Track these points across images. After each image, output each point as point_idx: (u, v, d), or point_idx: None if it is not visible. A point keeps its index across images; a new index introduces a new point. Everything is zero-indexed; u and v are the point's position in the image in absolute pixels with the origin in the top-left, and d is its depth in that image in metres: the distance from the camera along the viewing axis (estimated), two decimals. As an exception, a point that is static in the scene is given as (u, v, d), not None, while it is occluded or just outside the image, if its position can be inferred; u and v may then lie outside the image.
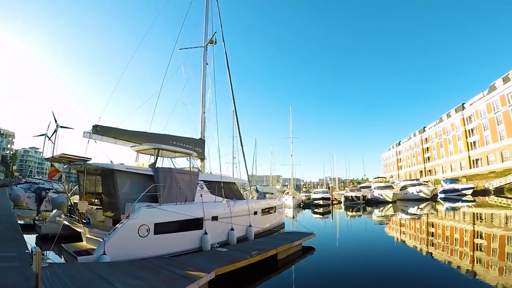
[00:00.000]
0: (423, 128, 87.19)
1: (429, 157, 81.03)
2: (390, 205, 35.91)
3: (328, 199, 40.43)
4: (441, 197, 42.06)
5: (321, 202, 38.74)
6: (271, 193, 34.06)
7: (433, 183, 51.72)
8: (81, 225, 9.23)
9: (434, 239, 13.32)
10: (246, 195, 17.27)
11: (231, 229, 11.03)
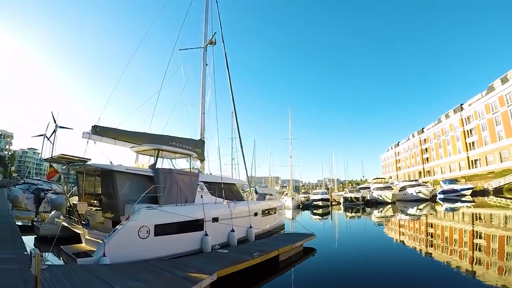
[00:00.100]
0: (422, 129, 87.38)
1: (427, 158, 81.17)
2: (390, 206, 35.83)
3: (327, 200, 40.39)
4: (440, 197, 42.09)
5: (320, 203, 38.73)
6: (270, 194, 33.98)
7: (432, 183, 51.68)
8: (80, 226, 9.13)
9: (433, 239, 13.28)
10: (246, 196, 17.19)
11: (232, 230, 10.96)
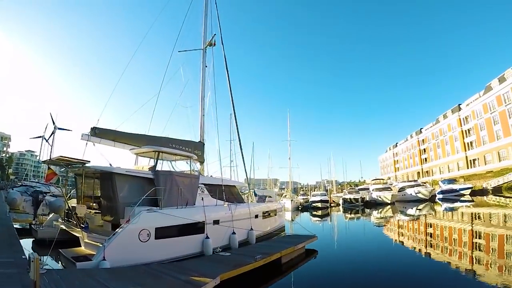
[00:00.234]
0: (420, 129, 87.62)
1: (426, 158, 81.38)
2: (389, 206, 35.83)
3: (326, 201, 40.39)
4: (439, 197, 42.17)
5: (319, 204, 38.66)
6: (270, 196, 33.90)
7: (431, 184, 51.76)
8: (79, 229, 8.99)
9: (433, 239, 13.20)
10: (246, 199, 17.08)
11: (233, 232, 10.85)
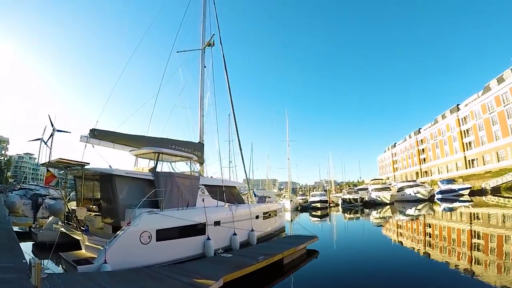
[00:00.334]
0: (418, 129, 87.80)
1: (424, 158, 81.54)
2: (388, 206, 35.83)
3: (325, 201, 40.48)
4: (438, 197, 42.20)
5: (319, 205, 38.74)
6: (269, 197, 33.87)
7: (430, 184, 51.86)
8: (80, 232, 8.91)
9: (432, 239, 13.19)
10: (246, 199, 17.03)
11: (234, 234, 10.81)
